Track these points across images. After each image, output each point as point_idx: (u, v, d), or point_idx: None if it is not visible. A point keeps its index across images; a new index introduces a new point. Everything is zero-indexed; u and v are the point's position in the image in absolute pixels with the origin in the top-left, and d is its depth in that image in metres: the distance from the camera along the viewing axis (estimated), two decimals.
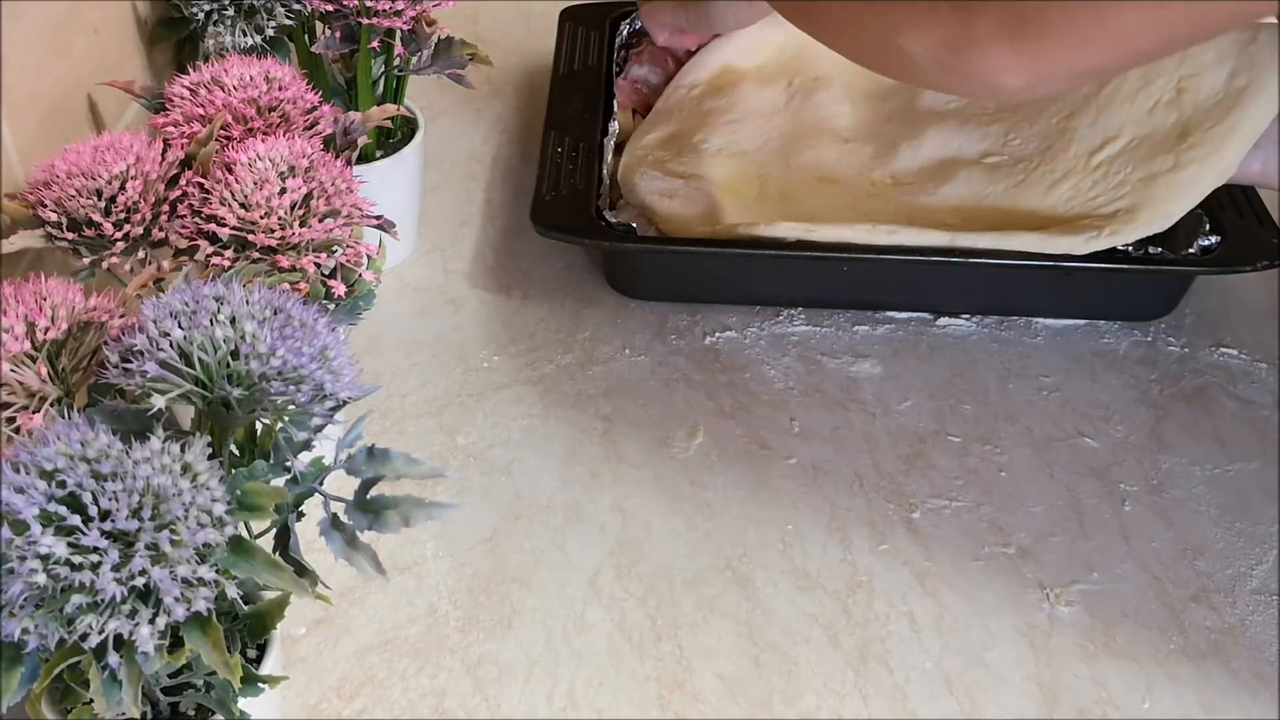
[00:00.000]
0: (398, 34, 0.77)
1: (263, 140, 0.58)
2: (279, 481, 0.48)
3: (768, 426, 0.76)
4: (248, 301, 0.46)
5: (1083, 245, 0.77)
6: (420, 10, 0.76)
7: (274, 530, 0.48)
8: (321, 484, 0.47)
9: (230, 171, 0.57)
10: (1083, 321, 0.84)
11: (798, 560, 0.68)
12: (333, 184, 0.58)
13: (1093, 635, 0.65)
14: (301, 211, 0.57)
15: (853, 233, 0.79)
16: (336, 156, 0.61)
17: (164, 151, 0.59)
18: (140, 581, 0.39)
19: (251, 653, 0.52)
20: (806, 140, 0.89)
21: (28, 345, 0.49)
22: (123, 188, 0.57)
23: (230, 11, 0.75)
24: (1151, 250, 0.79)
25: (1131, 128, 0.80)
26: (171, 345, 0.44)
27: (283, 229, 0.56)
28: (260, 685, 0.49)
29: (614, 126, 0.89)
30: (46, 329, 0.49)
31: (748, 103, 0.92)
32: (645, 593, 0.66)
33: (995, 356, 0.81)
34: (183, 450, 0.42)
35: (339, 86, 0.80)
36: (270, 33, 0.75)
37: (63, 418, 0.44)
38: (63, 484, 0.40)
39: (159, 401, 0.43)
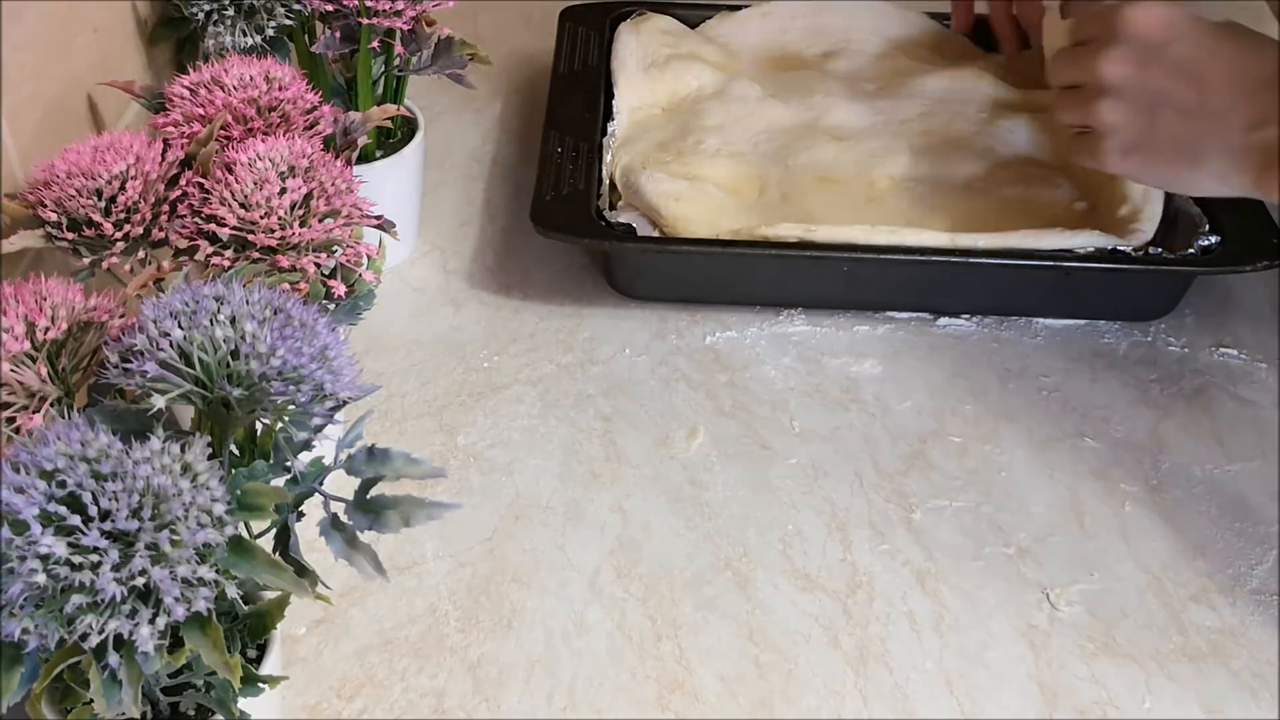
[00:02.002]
0: (398, 34, 0.77)
1: (263, 140, 0.58)
2: (279, 481, 0.48)
3: (768, 426, 0.76)
4: (248, 301, 0.46)
5: (1081, 238, 0.79)
6: (420, 10, 0.76)
7: (274, 530, 0.48)
8: (321, 484, 0.47)
9: (230, 171, 0.57)
10: (1083, 321, 0.84)
11: (798, 560, 0.68)
12: (333, 184, 0.58)
13: (1093, 635, 0.65)
14: (301, 211, 0.57)
15: (853, 233, 0.79)
16: (336, 156, 0.61)
17: (164, 151, 0.59)
18: (140, 581, 0.39)
19: (251, 653, 0.52)
20: (801, 140, 0.89)
21: (28, 345, 0.49)
22: (123, 188, 0.57)
23: (230, 11, 0.75)
24: (1151, 250, 0.80)
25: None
26: (171, 345, 0.44)
27: (283, 229, 0.56)
28: (260, 685, 0.49)
29: (614, 126, 0.89)
30: (46, 329, 0.49)
31: (733, 101, 0.92)
32: (645, 593, 0.66)
33: (995, 356, 0.81)
34: (183, 450, 0.42)
35: (339, 86, 0.80)
36: (270, 33, 0.75)
37: (63, 418, 0.44)
38: (63, 484, 0.40)
39: (159, 401, 0.43)
